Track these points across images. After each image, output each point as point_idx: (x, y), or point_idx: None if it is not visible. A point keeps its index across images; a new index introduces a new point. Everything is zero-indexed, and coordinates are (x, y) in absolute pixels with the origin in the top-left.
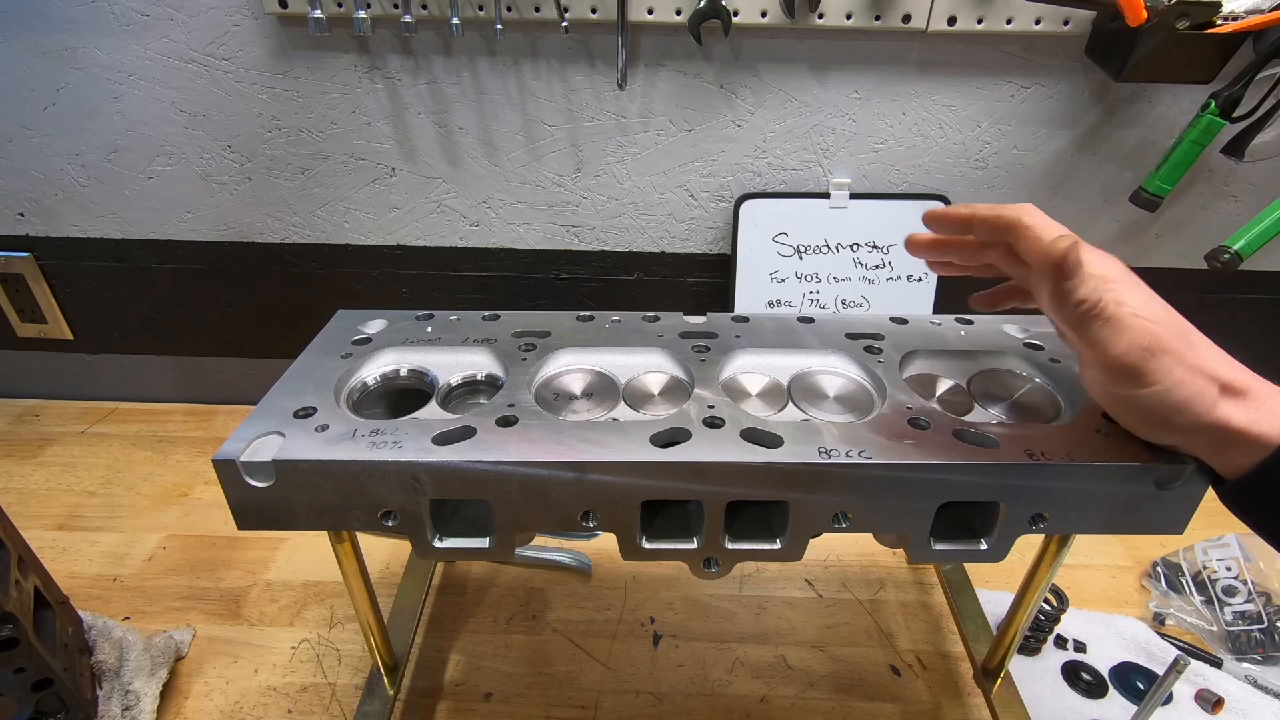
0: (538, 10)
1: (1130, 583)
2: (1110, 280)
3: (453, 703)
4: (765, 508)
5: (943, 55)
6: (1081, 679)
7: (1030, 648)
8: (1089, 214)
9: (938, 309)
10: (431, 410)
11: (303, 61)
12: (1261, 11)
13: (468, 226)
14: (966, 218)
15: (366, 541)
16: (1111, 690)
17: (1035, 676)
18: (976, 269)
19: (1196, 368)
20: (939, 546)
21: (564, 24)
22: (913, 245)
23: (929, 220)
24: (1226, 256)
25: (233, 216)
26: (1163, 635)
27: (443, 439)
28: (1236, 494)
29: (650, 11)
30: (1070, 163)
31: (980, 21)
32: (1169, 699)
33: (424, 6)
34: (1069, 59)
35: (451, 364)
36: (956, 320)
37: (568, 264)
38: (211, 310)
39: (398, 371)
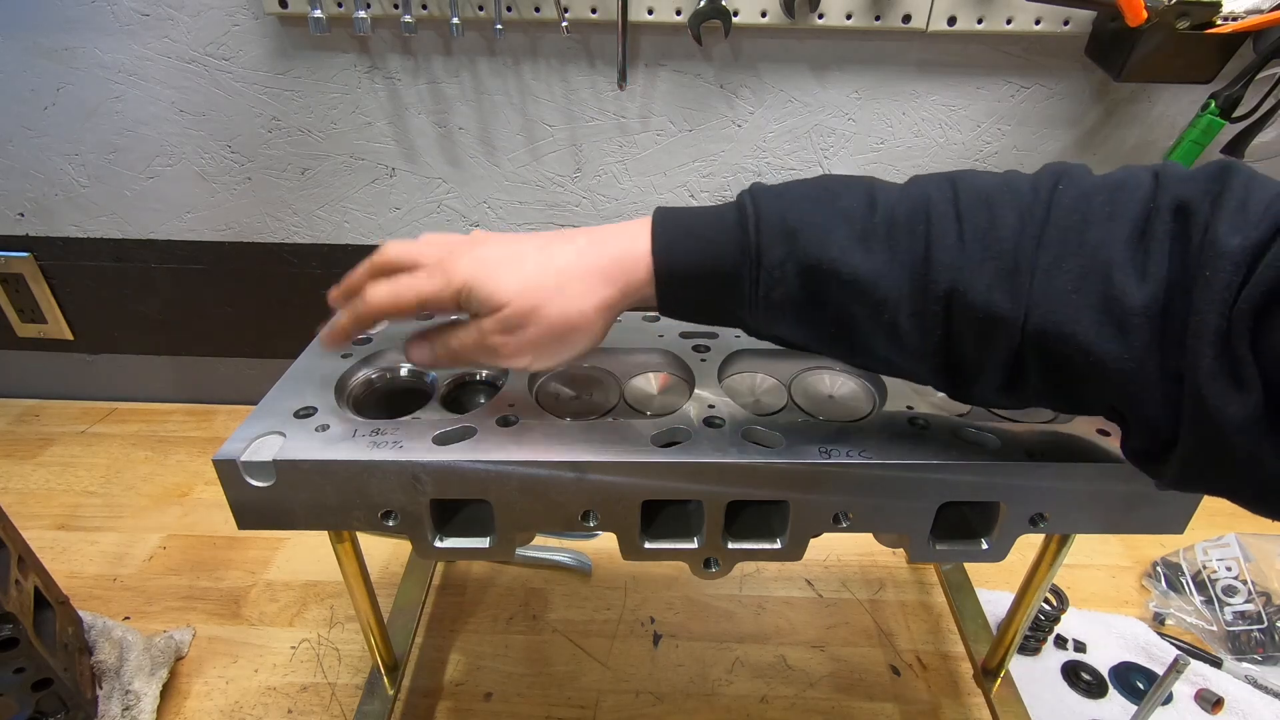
0: (538, 10)
1: (1130, 583)
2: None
3: (453, 703)
4: (765, 508)
5: (943, 55)
6: (1081, 679)
7: (1030, 648)
8: None
9: None
10: (432, 410)
11: (303, 61)
12: (1261, 11)
13: (468, 226)
14: (415, 305)
15: (366, 541)
16: (1111, 690)
17: (1035, 676)
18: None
19: (556, 302)
20: (939, 546)
21: (564, 24)
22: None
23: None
24: None
25: (233, 216)
26: (1163, 635)
27: (443, 439)
28: (669, 315)
29: (650, 11)
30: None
31: (980, 21)
32: (1169, 699)
33: (424, 6)
34: (1069, 59)
35: None
36: None
37: None
38: (211, 310)
39: (398, 371)
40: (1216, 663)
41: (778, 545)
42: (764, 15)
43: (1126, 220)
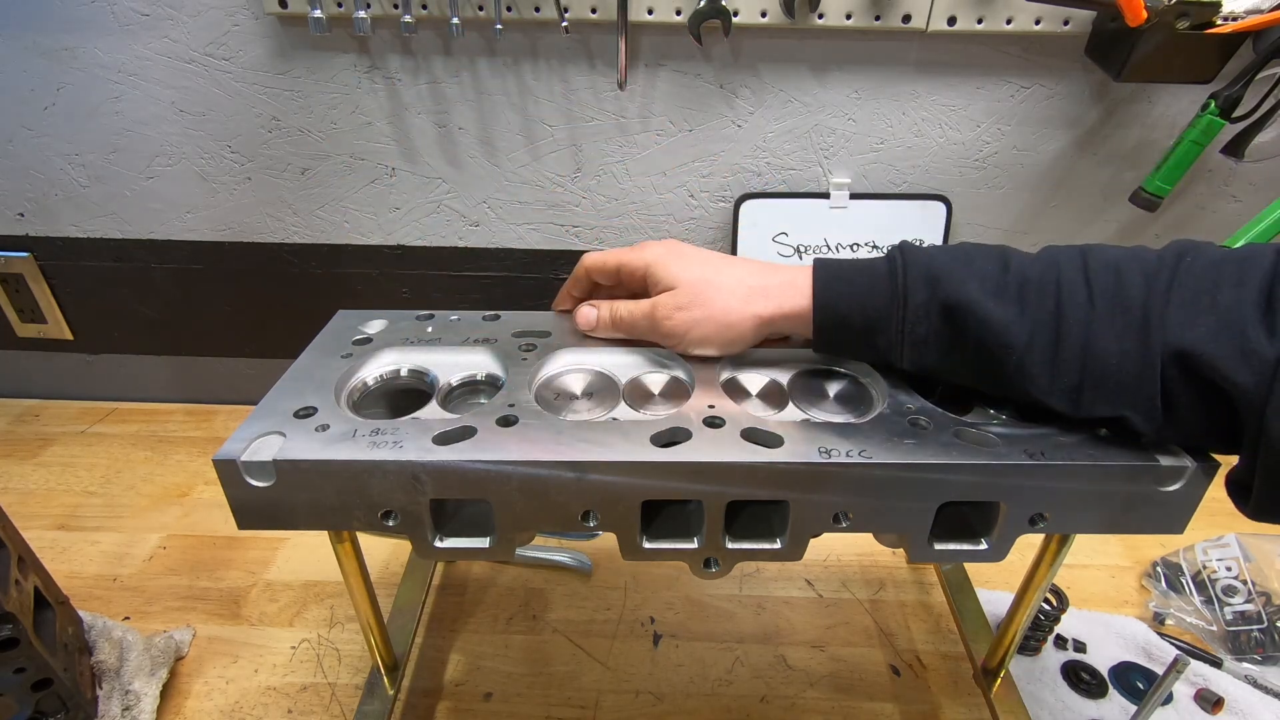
0: (538, 10)
1: (1130, 583)
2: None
3: (453, 703)
4: (765, 508)
5: (943, 55)
6: (1081, 679)
7: (1030, 648)
8: (1089, 214)
9: None
10: (432, 410)
11: (303, 61)
12: (1261, 11)
13: (468, 226)
14: (614, 269)
15: (366, 541)
16: (1111, 690)
17: (1035, 676)
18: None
19: (722, 296)
20: (939, 546)
21: (564, 24)
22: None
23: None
24: None
25: (233, 216)
26: (1162, 635)
27: (443, 439)
28: (822, 351)
29: (650, 11)
30: (1070, 163)
31: (980, 21)
32: (1169, 699)
33: (424, 6)
34: (1069, 59)
35: (452, 364)
36: None
37: (568, 264)
38: (211, 310)
39: (398, 371)
40: (1216, 663)
41: (778, 545)
42: (764, 15)
43: (1254, 287)
